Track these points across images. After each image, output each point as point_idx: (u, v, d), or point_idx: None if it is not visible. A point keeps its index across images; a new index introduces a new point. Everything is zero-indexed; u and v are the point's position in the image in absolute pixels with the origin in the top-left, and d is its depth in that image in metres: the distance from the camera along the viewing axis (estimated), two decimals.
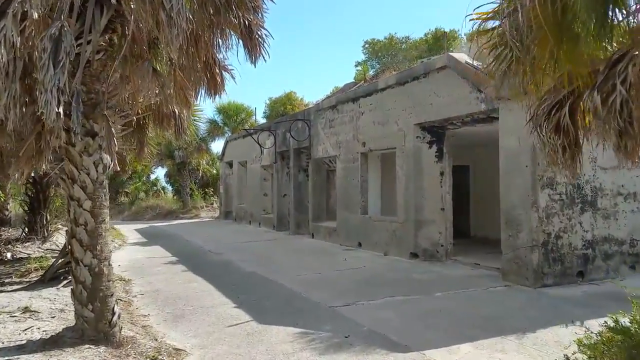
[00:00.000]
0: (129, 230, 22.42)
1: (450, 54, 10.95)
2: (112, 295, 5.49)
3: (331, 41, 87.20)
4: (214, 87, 6.40)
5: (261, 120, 31.15)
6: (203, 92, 7.13)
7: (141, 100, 6.09)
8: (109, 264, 5.44)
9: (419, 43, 25.71)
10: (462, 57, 10.20)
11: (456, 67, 10.02)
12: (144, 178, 38.74)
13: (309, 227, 17.48)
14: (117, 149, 7.14)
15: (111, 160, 5.41)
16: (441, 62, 10.58)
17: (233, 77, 7.56)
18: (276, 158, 20.02)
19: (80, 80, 4.85)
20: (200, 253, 13.98)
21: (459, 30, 21.97)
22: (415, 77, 11.40)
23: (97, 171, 5.34)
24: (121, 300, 8.11)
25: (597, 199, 8.91)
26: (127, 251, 15.08)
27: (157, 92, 6.17)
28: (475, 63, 9.82)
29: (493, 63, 4.26)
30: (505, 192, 8.97)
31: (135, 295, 8.55)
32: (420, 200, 11.51)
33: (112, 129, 5.27)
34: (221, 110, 31.72)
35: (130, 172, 34.03)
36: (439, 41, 23.51)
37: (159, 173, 41.39)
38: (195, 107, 12.70)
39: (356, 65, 33.25)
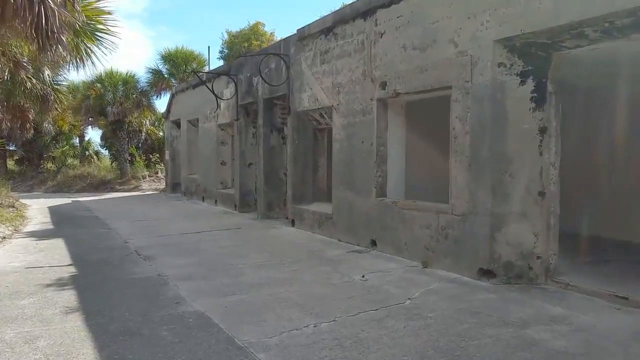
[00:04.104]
0: (41, 208, 16.81)
1: None
2: None
3: None
4: None
5: (217, 64, 25.14)
6: None
7: None
8: None
9: None
10: None
11: None
12: (74, 140, 32.19)
13: (286, 210, 12.35)
14: None
15: None
16: None
17: None
18: (238, 113, 14.61)
19: None
20: (118, 257, 8.65)
21: None
22: None
23: None
24: None
25: None
26: (9, 249, 9.58)
27: None
28: None
29: None
30: None
31: None
32: (500, 177, 6.55)
33: None
34: (166, 58, 25.73)
35: (53, 132, 27.89)
36: None
37: (94, 135, 34.96)
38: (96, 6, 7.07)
39: None
